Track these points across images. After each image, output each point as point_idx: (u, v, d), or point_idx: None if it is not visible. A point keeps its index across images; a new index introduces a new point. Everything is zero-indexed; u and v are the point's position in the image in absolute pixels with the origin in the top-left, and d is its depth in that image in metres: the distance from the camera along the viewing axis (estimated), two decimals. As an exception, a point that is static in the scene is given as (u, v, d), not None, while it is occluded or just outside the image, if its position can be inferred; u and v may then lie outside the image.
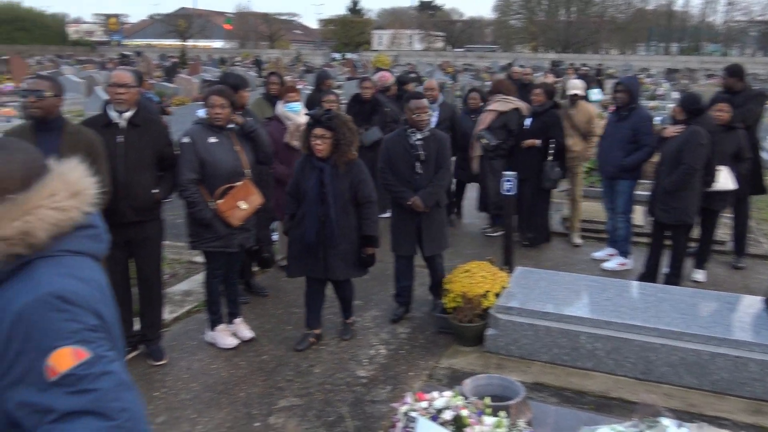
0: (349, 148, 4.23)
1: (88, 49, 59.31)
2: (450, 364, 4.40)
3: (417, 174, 4.80)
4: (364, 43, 68.90)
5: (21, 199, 1.41)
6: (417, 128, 4.78)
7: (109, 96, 4.00)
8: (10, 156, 1.45)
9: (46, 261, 1.42)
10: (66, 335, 1.32)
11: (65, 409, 1.29)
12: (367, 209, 4.39)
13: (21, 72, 24.79)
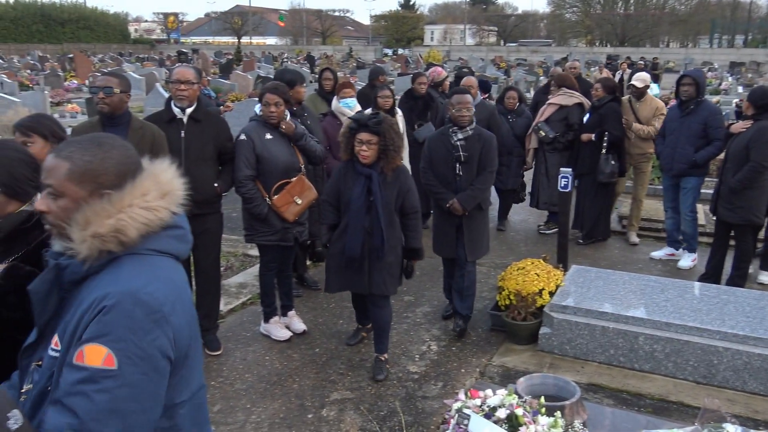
0: (397, 154, 3.91)
1: (148, 47, 61.17)
2: (502, 362, 4.35)
3: (457, 175, 4.54)
4: (415, 39, 68.73)
5: (115, 198, 1.46)
6: (458, 126, 4.50)
7: (172, 93, 4.11)
8: (107, 152, 1.50)
9: (133, 259, 1.46)
10: (115, 338, 1.36)
11: (63, 394, 1.35)
12: (413, 220, 4.07)
13: (85, 69, 25.81)
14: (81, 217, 1.44)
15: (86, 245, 1.43)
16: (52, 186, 1.48)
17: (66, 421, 1.32)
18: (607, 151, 6.48)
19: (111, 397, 1.33)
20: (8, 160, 1.94)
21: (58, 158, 1.48)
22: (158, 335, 1.41)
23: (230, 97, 15.42)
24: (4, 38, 53.19)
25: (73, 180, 1.46)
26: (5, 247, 1.89)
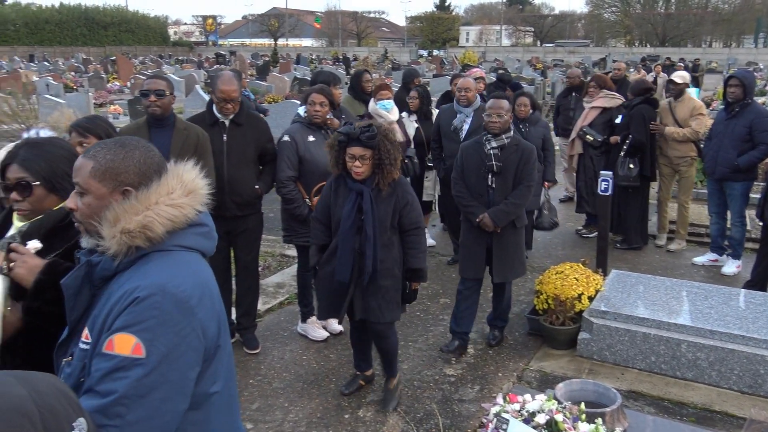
0: (394, 167, 3.48)
1: (187, 49, 62.33)
2: (540, 366, 4.31)
3: (490, 188, 4.22)
4: (451, 40, 68.48)
5: (142, 195, 1.53)
6: (490, 133, 4.22)
7: (217, 106, 4.15)
8: (129, 152, 1.58)
9: (161, 255, 1.53)
10: (143, 328, 1.42)
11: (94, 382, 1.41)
12: (414, 237, 3.63)
13: (127, 71, 26.40)
14: (111, 214, 1.51)
15: (115, 241, 1.49)
16: (79, 183, 1.56)
17: (95, 404, 1.38)
18: (626, 155, 6.37)
19: (138, 384, 1.39)
20: (51, 155, 2.00)
21: (84, 158, 1.57)
22: (185, 326, 1.46)
23: (267, 99, 15.60)
24: (49, 41, 54.81)
25: (96, 177, 1.54)
26: (46, 243, 1.94)
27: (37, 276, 1.83)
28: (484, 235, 4.28)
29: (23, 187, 1.94)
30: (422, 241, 3.67)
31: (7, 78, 21.44)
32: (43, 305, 1.84)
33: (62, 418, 1.12)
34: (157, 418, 1.41)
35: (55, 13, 57.91)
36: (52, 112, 13.41)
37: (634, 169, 6.37)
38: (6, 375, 1.10)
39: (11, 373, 1.12)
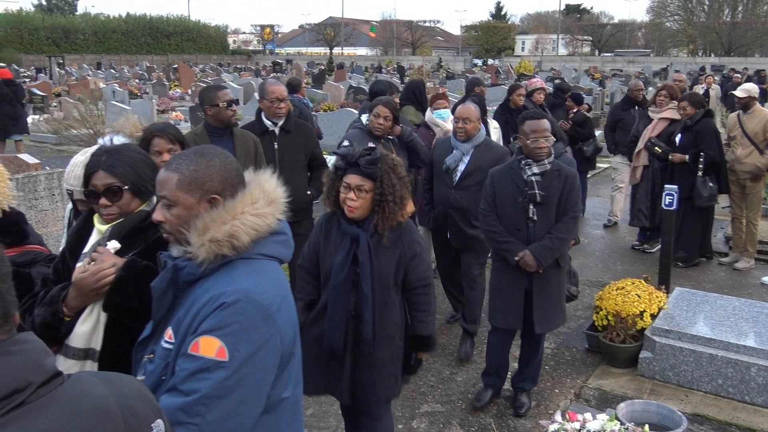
0: (399, 208, 2.75)
1: (245, 58, 63.83)
2: (599, 384, 4.19)
3: (530, 220, 3.63)
4: (506, 49, 67.92)
5: (229, 205, 1.58)
6: (533, 159, 3.61)
7: (269, 109, 4.29)
8: (210, 161, 1.63)
9: (245, 262, 1.58)
10: (228, 332, 1.47)
11: (178, 381, 1.46)
12: (423, 297, 2.91)
13: (188, 79, 27.23)
14: (200, 223, 1.57)
15: (204, 249, 1.55)
16: (166, 197, 1.62)
17: (178, 402, 1.43)
18: (705, 174, 6.09)
19: (220, 385, 1.44)
20: (134, 161, 2.08)
21: (168, 171, 1.63)
22: (265, 333, 1.51)
23: (323, 107, 15.81)
24: (116, 50, 57.04)
25: (183, 189, 1.60)
26: (126, 243, 2.02)
27: (118, 273, 1.91)
28: (523, 276, 3.65)
29: (113, 192, 2.02)
30: (431, 301, 2.95)
31: (76, 85, 22.44)
32: (123, 300, 1.92)
33: (143, 420, 1.15)
34: (234, 419, 1.45)
35: (121, 23, 60.24)
36: (117, 118, 13.96)
37: (714, 188, 6.10)
38: (90, 375, 1.14)
39: (95, 374, 1.16)
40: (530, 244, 3.60)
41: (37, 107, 17.62)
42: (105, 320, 1.99)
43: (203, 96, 3.98)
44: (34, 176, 5.54)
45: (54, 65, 32.72)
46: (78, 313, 1.97)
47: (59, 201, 5.86)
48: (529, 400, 3.94)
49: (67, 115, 15.01)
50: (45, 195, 5.53)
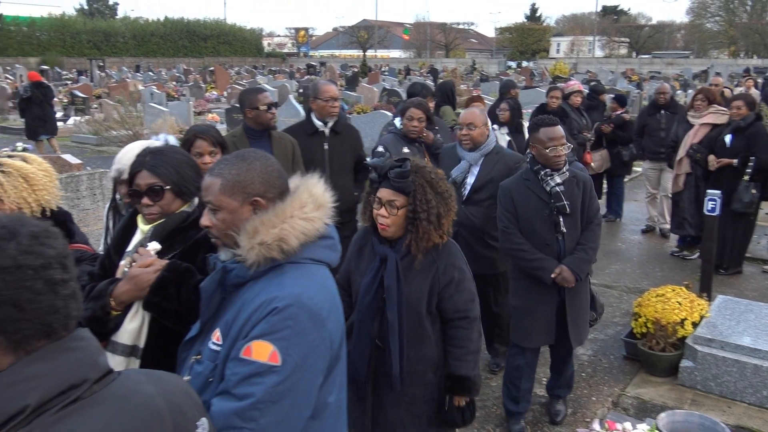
0: (436, 227, 2.47)
1: (280, 60, 64.46)
2: (637, 393, 4.11)
3: (560, 233, 3.42)
4: (541, 51, 67.29)
5: (279, 209, 1.59)
6: (552, 168, 3.40)
7: (322, 108, 4.30)
8: (251, 164, 1.64)
9: (294, 266, 1.58)
10: (280, 336, 1.47)
11: (231, 385, 1.46)
12: (461, 331, 2.59)
13: (224, 82, 27.59)
14: (250, 226, 1.58)
15: (254, 252, 1.55)
16: (211, 202, 1.64)
17: (232, 406, 1.44)
18: (751, 178, 5.87)
19: (273, 390, 1.44)
20: (177, 162, 2.12)
21: (211, 176, 1.65)
22: (316, 337, 1.52)
23: (356, 109, 15.86)
24: (154, 53, 58.20)
25: (226, 193, 1.61)
26: (167, 243, 2.05)
27: (160, 273, 1.94)
28: (554, 292, 3.45)
29: (155, 192, 2.05)
30: (472, 337, 2.60)
31: (116, 87, 22.94)
32: (163, 301, 1.95)
33: (188, 418, 1.17)
34: (286, 423, 1.46)
35: (160, 26, 61.47)
36: (155, 120, 14.22)
37: (756, 194, 5.89)
38: (137, 373, 1.16)
39: (141, 371, 1.18)
40: (562, 259, 3.41)
41: (79, 109, 18.07)
42: (149, 319, 2.03)
43: (243, 98, 4.01)
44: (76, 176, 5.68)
45: (95, 68, 33.52)
46: (125, 310, 2.01)
47: (100, 201, 5.99)
48: (566, 407, 3.87)
49: (107, 117, 15.36)
50: (87, 195, 5.66)
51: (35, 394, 0.96)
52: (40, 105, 12.27)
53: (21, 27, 52.20)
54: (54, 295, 1.02)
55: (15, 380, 0.96)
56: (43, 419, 0.96)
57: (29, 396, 0.96)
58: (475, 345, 2.61)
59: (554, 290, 3.44)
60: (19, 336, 0.98)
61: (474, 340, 2.60)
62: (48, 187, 2.53)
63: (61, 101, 19.50)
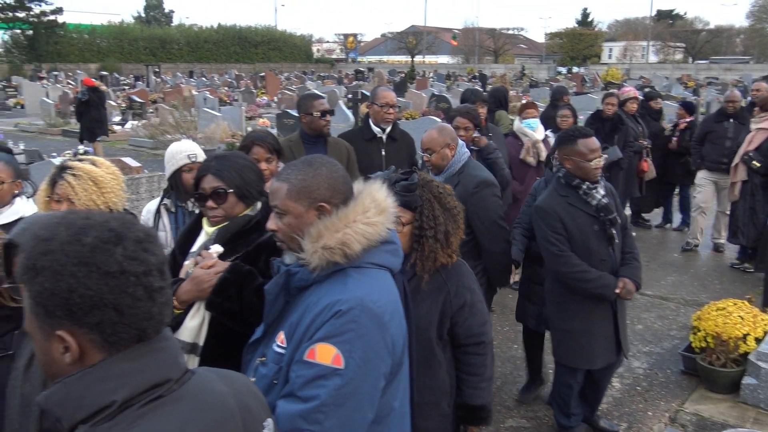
0: (443, 246, 2.31)
1: (328, 66, 65.15)
2: (696, 409, 3.97)
3: (613, 247, 3.32)
4: (592, 57, 66.09)
5: (342, 213, 1.61)
6: (590, 180, 3.25)
7: (377, 114, 4.32)
8: (317, 170, 1.67)
9: (357, 271, 1.60)
10: (344, 340, 1.49)
11: (296, 387, 1.48)
12: (475, 357, 2.41)
13: (274, 87, 28.07)
14: (314, 230, 1.60)
15: (317, 256, 1.58)
16: (277, 206, 1.67)
17: (296, 408, 1.46)
18: None
19: (336, 393, 1.46)
20: (240, 166, 2.17)
21: (278, 181, 1.68)
22: (378, 341, 1.53)
23: (404, 115, 15.88)
24: (207, 59, 59.67)
25: (292, 198, 1.64)
26: (230, 246, 2.10)
27: (222, 275, 1.99)
28: (609, 308, 3.35)
29: (218, 196, 2.12)
30: (486, 363, 2.43)
31: (171, 92, 23.59)
32: (225, 301, 2.00)
33: (256, 417, 1.19)
34: (349, 426, 1.47)
35: (213, 33, 62.99)
36: (209, 124, 14.56)
37: None
38: (209, 372, 1.18)
39: (213, 371, 1.20)
40: (616, 272, 3.30)
41: (136, 113, 18.64)
42: (209, 318, 2.08)
43: (300, 104, 4.08)
44: (136, 179, 5.85)
45: (151, 74, 34.54)
46: (186, 308, 2.06)
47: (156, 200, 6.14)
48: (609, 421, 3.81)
49: (163, 121, 15.81)
50: (146, 197, 5.83)
51: (123, 391, 0.99)
52: (96, 108, 12.97)
53: (82, 34, 54.34)
54: (152, 302, 1.03)
55: (105, 376, 1.00)
56: (126, 414, 0.99)
57: (117, 392, 0.99)
58: (490, 371, 2.45)
59: (609, 306, 3.34)
60: (116, 338, 1.01)
61: (488, 366, 2.43)
62: (115, 189, 2.62)
63: (119, 106, 20.17)
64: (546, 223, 3.29)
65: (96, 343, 1.01)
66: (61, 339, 1.00)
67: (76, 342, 1.00)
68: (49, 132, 17.36)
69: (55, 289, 0.98)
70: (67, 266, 0.98)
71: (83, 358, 1.01)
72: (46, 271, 0.98)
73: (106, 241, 1.01)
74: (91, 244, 1.00)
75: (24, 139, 13.65)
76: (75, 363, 1.01)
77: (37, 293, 0.99)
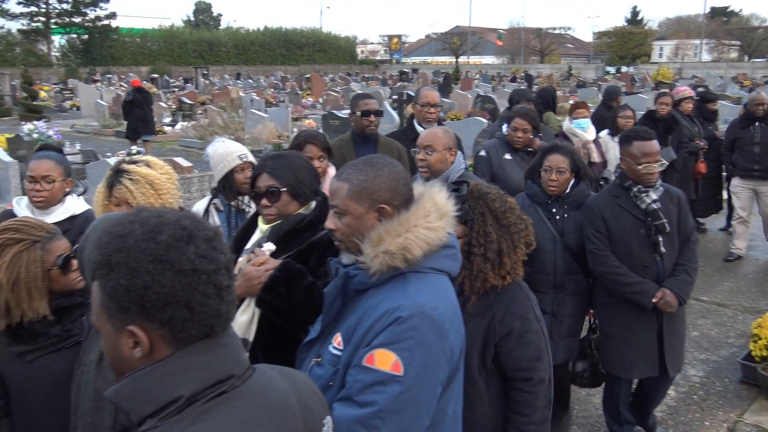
0: (493, 266, 2.12)
1: (372, 67, 65.37)
2: (756, 421, 3.82)
3: (660, 254, 3.20)
4: (642, 56, 64.52)
5: (403, 218, 1.59)
6: (646, 185, 3.19)
7: (419, 114, 4.31)
8: (378, 171, 1.65)
9: (417, 276, 1.57)
10: (403, 346, 1.46)
11: (354, 392, 1.46)
12: (521, 395, 2.14)
13: (319, 88, 28.31)
14: (375, 234, 1.58)
15: (378, 260, 1.55)
16: (337, 205, 1.65)
17: (354, 413, 1.45)
18: None
19: (395, 399, 1.44)
20: (295, 165, 2.19)
21: (339, 181, 1.66)
22: (438, 348, 1.50)
23: (449, 116, 15.80)
24: (253, 61, 60.67)
25: (353, 198, 1.62)
26: (282, 245, 2.12)
27: (272, 272, 2.00)
28: (653, 319, 3.23)
29: (272, 194, 2.14)
30: (536, 403, 2.14)
31: (219, 94, 24.07)
32: (275, 299, 2.01)
33: (317, 415, 1.19)
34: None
35: (259, 36, 64.00)
36: (256, 125, 14.78)
37: None
38: (270, 369, 1.19)
39: (274, 368, 1.21)
40: (661, 281, 3.18)
41: (186, 114, 19.08)
42: (258, 314, 2.10)
43: (351, 103, 4.12)
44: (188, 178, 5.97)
45: (199, 76, 35.30)
46: (237, 304, 2.09)
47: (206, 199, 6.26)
48: None
49: (211, 122, 16.14)
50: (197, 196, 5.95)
51: (189, 386, 1.01)
52: (141, 108, 13.48)
53: (134, 38, 55.96)
54: (220, 300, 1.05)
55: (172, 370, 1.01)
56: (192, 409, 1.00)
57: (184, 387, 1.01)
58: (541, 414, 2.15)
59: (653, 316, 3.21)
60: (185, 334, 1.02)
61: (539, 408, 2.14)
62: (171, 190, 2.65)
63: (169, 107, 20.67)
64: (590, 221, 3.27)
65: (165, 339, 1.02)
66: (131, 334, 1.02)
67: (147, 337, 1.02)
68: (104, 133, 17.92)
69: (131, 286, 0.99)
70: (143, 263, 0.99)
71: (152, 353, 1.03)
72: (122, 267, 1.00)
73: (179, 239, 1.02)
74: (166, 242, 1.01)
75: (80, 140, 14.14)
76: (144, 358, 1.03)
77: (112, 289, 1.01)
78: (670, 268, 3.21)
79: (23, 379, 1.89)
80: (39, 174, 2.78)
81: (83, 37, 53.02)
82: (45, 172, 2.79)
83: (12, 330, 1.90)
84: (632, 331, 3.25)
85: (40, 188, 2.78)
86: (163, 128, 17.01)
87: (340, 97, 23.15)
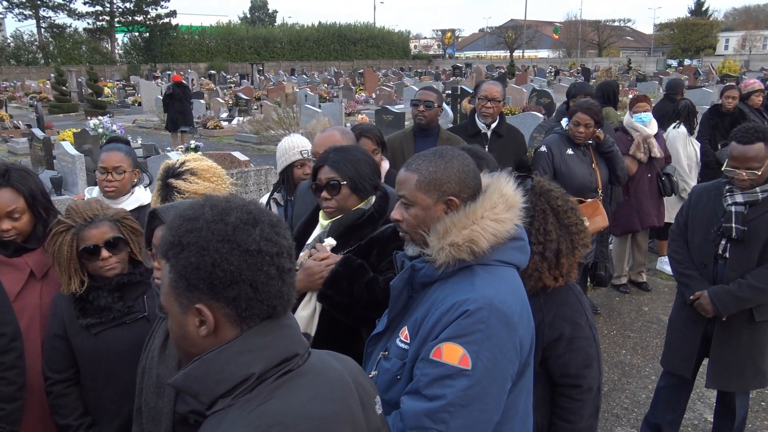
0: (550, 266, 2.03)
1: (425, 62, 65.19)
2: (830, 431, 3.63)
3: (720, 257, 3.00)
4: (706, 48, 62.16)
5: (470, 210, 1.57)
6: (736, 186, 2.94)
7: (478, 108, 4.25)
8: (449, 162, 1.62)
9: (484, 269, 1.55)
10: (471, 340, 1.45)
11: (422, 386, 1.45)
12: (567, 402, 2.06)
13: (372, 84, 28.40)
14: (441, 227, 1.56)
15: (444, 253, 1.54)
16: (405, 196, 1.63)
17: (422, 407, 1.45)
18: None
19: (463, 393, 1.43)
20: (355, 159, 2.20)
21: (407, 171, 1.64)
22: (507, 342, 1.48)
23: (505, 110, 15.58)
24: (307, 57, 61.42)
25: (421, 189, 1.60)
26: (343, 239, 2.13)
27: (333, 268, 2.01)
28: (702, 318, 3.06)
29: (332, 187, 2.15)
30: (584, 411, 2.05)
31: (274, 89, 24.45)
32: (335, 294, 2.03)
33: (369, 393, 1.22)
34: (475, 427, 1.44)
35: (313, 32, 64.71)
36: (310, 120, 14.93)
37: None
38: (324, 353, 1.22)
39: (326, 352, 1.24)
40: (715, 284, 3.00)
41: (242, 110, 19.45)
42: (320, 309, 2.11)
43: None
44: (245, 172, 6.09)
45: (255, 72, 35.93)
46: (299, 298, 2.11)
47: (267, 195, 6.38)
48: None
49: (267, 117, 16.39)
50: (254, 189, 6.06)
51: (259, 364, 1.05)
52: (180, 101, 14.12)
53: (193, 36, 57.45)
54: (282, 281, 1.09)
55: (242, 350, 1.06)
56: (263, 387, 1.05)
57: (254, 365, 1.05)
58: (587, 422, 2.06)
59: (701, 318, 3.05)
60: (249, 313, 1.07)
61: (585, 416, 2.05)
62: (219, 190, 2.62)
63: (227, 103, 21.12)
64: (684, 204, 3.27)
65: (230, 318, 1.07)
66: (198, 312, 1.06)
67: (213, 316, 1.06)
68: (163, 128, 18.46)
69: (200, 263, 1.04)
70: (213, 242, 1.05)
71: (217, 333, 1.07)
72: (192, 246, 1.05)
73: (246, 222, 1.08)
74: (234, 223, 1.07)
75: (141, 135, 14.64)
76: (208, 336, 1.07)
77: (183, 267, 1.06)
78: (732, 276, 2.96)
79: (90, 351, 2.12)
80: (110, 165, 2.88)
81: (144, 35, 54.76)
82: (116, 163, 2.89)
83: (81, 303, 2.13)
84: (682, 322, 3.19)
85: (111, 179, 2.88)
86: (220, 123, 17.38)
87: (393, 92, 23.15)
